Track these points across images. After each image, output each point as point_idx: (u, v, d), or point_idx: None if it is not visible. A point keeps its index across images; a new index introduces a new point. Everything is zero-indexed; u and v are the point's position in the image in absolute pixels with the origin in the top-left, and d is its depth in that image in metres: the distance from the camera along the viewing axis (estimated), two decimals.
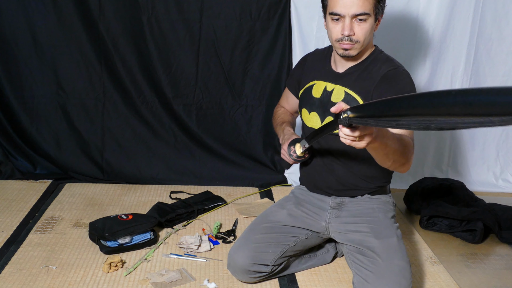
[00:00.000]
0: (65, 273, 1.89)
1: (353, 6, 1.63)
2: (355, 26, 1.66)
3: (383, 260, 1.67)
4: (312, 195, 1.94)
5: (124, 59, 2.64)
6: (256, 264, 1.80)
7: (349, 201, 1.87)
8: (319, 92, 1.84)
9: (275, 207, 1.97)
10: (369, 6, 1.64)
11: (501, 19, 2.68)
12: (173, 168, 2.78)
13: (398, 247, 1.72)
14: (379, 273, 1.65)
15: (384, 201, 1.88)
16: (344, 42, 1.69)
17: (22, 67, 2.64)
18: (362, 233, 1.78)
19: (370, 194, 1.87)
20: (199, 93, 2.73)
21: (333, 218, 1.87)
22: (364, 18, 1.65)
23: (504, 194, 2.85)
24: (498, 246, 2.26)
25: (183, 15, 2.60)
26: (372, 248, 1.72)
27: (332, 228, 1.87)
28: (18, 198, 2.51)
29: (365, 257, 1.72)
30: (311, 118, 1.86)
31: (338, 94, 1.78)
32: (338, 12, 1.65)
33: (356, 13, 1.64)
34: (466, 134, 2.88)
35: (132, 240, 2.06)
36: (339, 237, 1.86)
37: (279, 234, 1.85)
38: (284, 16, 2.62)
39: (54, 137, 2.74)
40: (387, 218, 1.83)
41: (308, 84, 1.89)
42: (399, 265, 1.67)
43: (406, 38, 2.67)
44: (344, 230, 1.83)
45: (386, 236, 1.75)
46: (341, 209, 1.87)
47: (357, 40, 1.68)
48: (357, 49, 1.71)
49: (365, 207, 1.86)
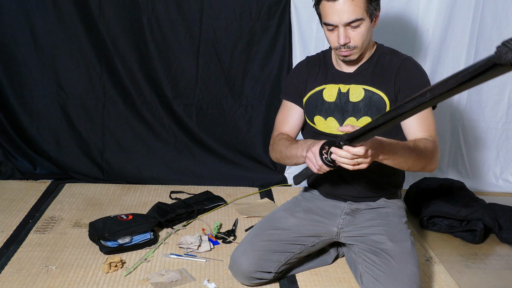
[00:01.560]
0: (65, 273, 1.89)
1: (344, 15, 1.61)
2: (350, 33, 1.64)
3: (396, 263, 1.66)
4: (325, 201, 1.90)
5: (124, 59, 2.64)
6: (259, 271, 1.78)
7: (364, 207, 1.85)
8: (333, 95, 1.79)
9: (283, 212, 1.90)
10: (360, 11, 1.61)
11: (501, 19, 2.68)
12: (173, 168, 2.78)
13: (411, 252, 1.71)
14: (392, 275, 1.63)
15: (398, 206, 1.88)
16: (342, 50, 1.68)
17: (22, 67, 2.64)
18: (376, 235, 1.76)
19: (387, 198, 1.87)
20: (199, 93, 2.73)
21: (347, 224, 1.84)
22: (357, 23, 1.63)
23: (504, 194, 2.85)
24: (498, 246, 2.26)
25: (183, 15, 2.60)
26: (386, 250, 1.70)
27: (344, 233, 1.84)
28: (18, 198, 2.51)
29: (378, 258, 1.70)
30: (329, 124, 1.80)
31: (356, 93, 1.76)
32: (331, 22, 1.64)
33: (348, 21, 1.62)
34: (467, 134, 2.89)
35: (132, 240, 2.06)
36: (350, 240, 1.83)
37: (285, 242, 1.81)
38: (284, 16, 2.62)
39: (54, 137, 2.74)
40: (401, 223, 1.82)
41: (314, 90, 1.83)
42: (412, 270, 1.65)
43: (406, 38, 2.67)
44: (357, 234, 1.81)
45: (401, 240, 1.73)
46: (355, 215, 1.85)
47: (354, 45, 1.67)
48: (357, 54, 1.70)
49: (379, 211, 1.84)
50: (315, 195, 1.94)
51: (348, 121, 1.77)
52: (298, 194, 2.00)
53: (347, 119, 1.77)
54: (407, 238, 1.75)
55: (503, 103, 2.82)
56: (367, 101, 1.74)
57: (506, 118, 2.85)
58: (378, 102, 1.73)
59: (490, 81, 2.87)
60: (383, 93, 1.73)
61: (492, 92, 2.81)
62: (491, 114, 2.85)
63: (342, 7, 1.60)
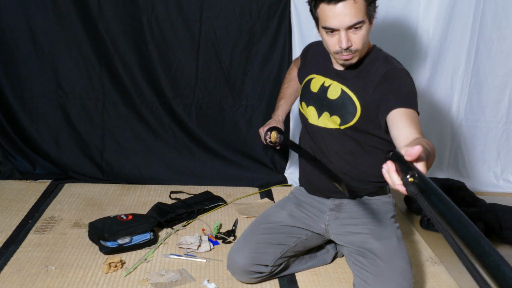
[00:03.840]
0: (64, 273, 1.89)
1: (345, 18, 1.56)
2: (352, 36, 1.60)
3: (383, 261, 1.66)
4: (311, 197, 1.93)
5: (124, 59, 2.64)
6: (256, 264, 1.80)
7: (347, 202, 1.86)
8: (317, 86, 1.82)
9: (275, 207, 1.96)
10: (361, 14, 1.57)
11: (501, 19, 2.67)
12: (173, 168, 2.77)
13: (398, 248, 1.71)
14: (380, 275, 1.64)
15: (383, 202, 1.87)
16: (344, 54, 1.63)
17: (22, 67, 2.64)
18: (361, 235, 1.77)
19: (369, 196, 1.86)
20: (199, 93, 2.72)
21: (332, 220, 1.86)
22: (359, 26, 1.58)
23: (504, 194, 2.85)
24: (498, 246, 2.26)
25: (183, 15, 2.60)
26: (372, 250, 1.71)
27: (332, 230, 1.86)
28: (17, 198, 2.50)
29: (365, 259, 1.71)
30: (309, 112, 1.84)
31: (334, 90, 1.76)
32: (331, 26, 1.58)
33: (350, 24, 1.57)
34: (467, 134, 2.88)
35: (132, 241, 2.05)
36: (339, 239, 1.85)
37: (279, 234, 1.85)
38: (284, 16, 2.62)
39: (53, 137, 2.74)
40: (386, 218, 1.82)
41: (308, 77, 1.88)
42: (400, 266, 1.66)
43: (406, 38, 2.67)
44: (343, 232, 1.83)
45: (386, 237, 1.74)
46: (340, 210, 1.86)
47: (356, 49, 1.62)
48: (357, 57, 1.66)
49: (364, 208, 1.84)
50: (303, 192, 1.97)
51: (324, 115, 1.78)
52: (290, 192, 2.03)
53: (323, 113, 1.78)
54: (393, 234, 1.75)
55: (504, 103, 2.82)
56: (340, 102, 1.74)
57: (506, 118, 2.85)
58: (349, 105, 1.71)
59: (490, 81, 2.87)
60: (357, 98, 1.70)
61: (492, 92, 2.80)
62: (492, 114, 2.84)
63: (343, 10, 1.55)
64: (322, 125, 1.80)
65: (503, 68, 2.76)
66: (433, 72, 2.74)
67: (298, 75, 2.01)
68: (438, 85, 2.78)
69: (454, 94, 2.80)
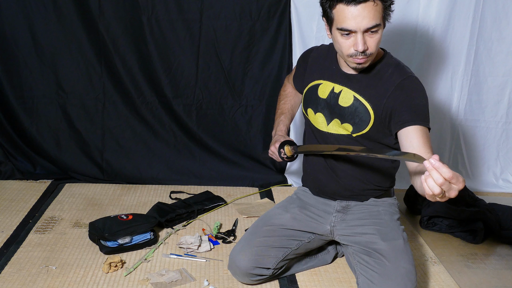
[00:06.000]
0: (65, 273, 1.89)
1: (364, 20, 1.51)
2: (368, 39, 1.56)
3: (390, 262, 1.66)
4: (316, 198, 1.92)
5: (124, 59, 2.64)
6: (258, 267, 1.79)
7: (354, 204, 1.86)
8: (326, 93, 1.78)
9: (278, 209, 1.94)
10: (379, 17, 1.54)
11: (501, 19, 2.68)
12: (173, 168, 2.77)
13: (404, 249, 1.71)
14: (386, 275, 1.64)
15: (390, 203, 1.87)
16: (358, 57, 1.59)
17: (22, 67, 2.64)
18: (368, 235, 1.76)
19: (376, 198, 1.86)
20: (199, 93, 2.72)
21: (338, 221, 1.85)
22: (376, 29, 1.55)
23: (504, 194, 2.85)
24: (498, 246, 2.26)
25: (183, 15, 2.60)
26: (379, 250, 1.70)
27: (337, 231, 1.85)
28: (17, 198, 2.50)
29: (372, 258, 1.70)
30: (317, 119, 1.81)
31: (346, 97, 1.72)
32: (349, 28, 1.53)
33: (368, 27, 1.53)
34: (466, 134, 2.89)
35: (132, 240, 2.05)
36: (344, 239, 1.85)
37: (282, 237, 1.83)
38: (284, 16, 2.62)
39: (54, 137, 2.74)
40: (393, 220, 1.82)
41: (313, 82, 1.84)
42: (406, 268, 1.66)
43: (406, 38, 2.67)
44: (350, 233, 1.82)
45: (393, 238, 1.73)
46: (346, 212, 1.86)
47: (371, 53, 1.59)
48: (370, 61, 1.64)
49: (370, 210, 1.84)
50: (307, 193, 1.96)
51: (334, 122, 1.77)
52: (293, 193, 2.02)
53: (333, 120, 1.77)
54: (399, 236, 1.75)
55: (503, 103, 2.82)
56: (353, 110, 1.72)
57: (506, 118, 2.85)
58: (363, 113, 1.70)
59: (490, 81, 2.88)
60: (371, 106, 1.68)
61: (492, 92, 2.81)
62: (491, 114, 2.85)
63: (362, 12, 1.51)
64: (333, 132, 1.79)
65: (502, 68, 2.76)
66: (433, 72, 2.74)
67: (297, 82, 1.98)
68: (438, 85, 2.78)
69: (454, 94, 2.80)
